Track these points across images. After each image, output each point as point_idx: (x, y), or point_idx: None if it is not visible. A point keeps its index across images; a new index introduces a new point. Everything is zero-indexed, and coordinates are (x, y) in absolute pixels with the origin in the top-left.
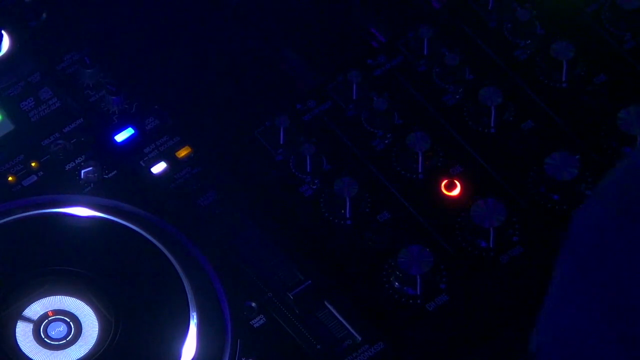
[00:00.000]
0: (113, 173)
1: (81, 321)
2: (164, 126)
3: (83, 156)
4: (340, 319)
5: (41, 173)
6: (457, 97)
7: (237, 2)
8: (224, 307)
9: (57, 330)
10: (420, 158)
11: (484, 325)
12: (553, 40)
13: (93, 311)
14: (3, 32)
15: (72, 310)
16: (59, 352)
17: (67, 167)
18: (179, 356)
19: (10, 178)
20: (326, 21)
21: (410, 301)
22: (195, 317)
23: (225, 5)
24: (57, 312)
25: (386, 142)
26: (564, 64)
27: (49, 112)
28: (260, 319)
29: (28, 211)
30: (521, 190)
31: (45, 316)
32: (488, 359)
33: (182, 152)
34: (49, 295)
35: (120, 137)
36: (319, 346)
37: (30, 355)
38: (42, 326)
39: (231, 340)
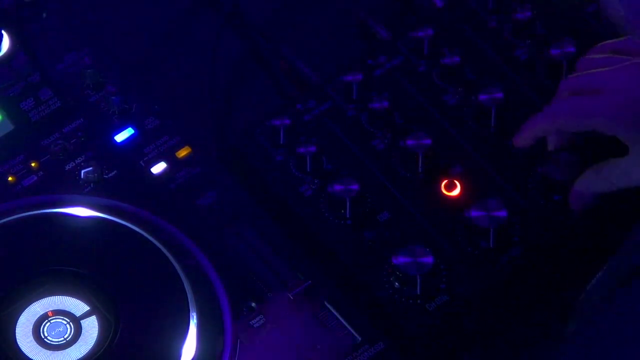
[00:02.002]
0: (113, 173)
1: (81, 321)
2: (163, 126)
3: (83, 156)
4: (340, 319)
5: (41, 173)
6: (457, 97)
7: (237, 2)
8: (224, 307)
9: (57, 330)
10: (420, 158)
11: (484, 325)
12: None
13: (93, 311)
14: (3, 32)
15: (72, 310)
16: (58, 352)
17: (67, 167)
18: (179, 356)
19: (10, 178)
20: (327, 21)
21: (410, 301)
22: (195, 317)
23: (225, 5)
24: (57, 312)
25: (386, 142)
26: (564, 64)
27: (49, 112)
28: (260, 319)
29: (28, 211)
30: (521, 190)
31: (45, 316)
32: (487, 359)
33: (182, 152)
34: (49, 295)
35: (120, 137)
36: (319, 346)
37: (30, 355)
38: (42, 326)
39: (231, 340)
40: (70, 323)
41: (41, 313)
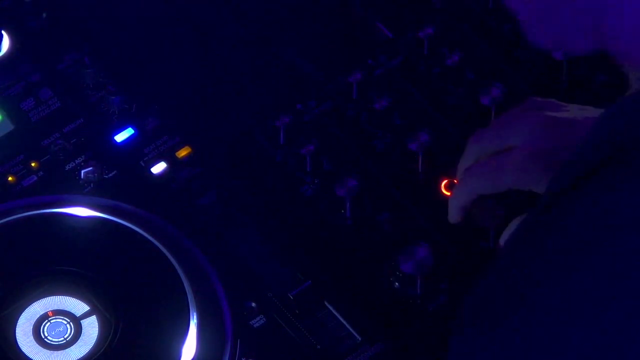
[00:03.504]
0: (113, 173)
1: (81, 321)
2: (163, 126)
3: (83, 156)
4: (340, 319)
5: (41, 173)
6: (457, 97)
7: (237, 1)
8: (224, 307)
9: (57, 330)
10: (420, 158)
11: None
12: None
13: (93, 311)
14: (3, 32)
15: (72, 310)
16: (58, 352)
17: (67, 167)
18: (179, 356)
19: (10, 178)
20: (327, 21)
21: (410, 301)
22: (195, 317)
23: (226, 5)
24: (57, 312)
25: (386, 142)
26: (564, 64)
27: (49, 112)
28: (260, 319)
29: (28, 211)
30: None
31: (45, 316)
32: None
33: (182, 152)
34: (49, 295)
35: (120, 137)
36: (319, 346)
37: (30, 355)
38: (42, 326)
39: (231, 340)
40: (70, 323)
41: (41, 313)
